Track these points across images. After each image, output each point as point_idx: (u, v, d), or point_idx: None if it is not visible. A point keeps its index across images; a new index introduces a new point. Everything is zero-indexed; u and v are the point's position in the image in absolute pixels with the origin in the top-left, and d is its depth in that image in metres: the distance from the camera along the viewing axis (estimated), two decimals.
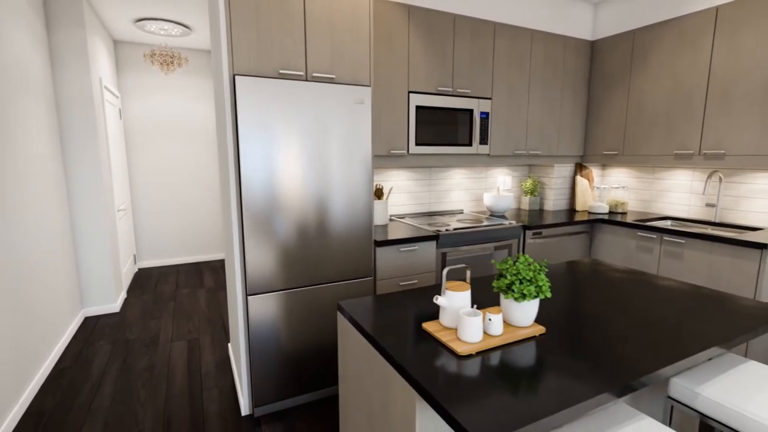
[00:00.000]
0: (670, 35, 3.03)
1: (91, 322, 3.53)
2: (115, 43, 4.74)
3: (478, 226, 2.85)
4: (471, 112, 3.02)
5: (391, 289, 2.56)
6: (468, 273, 1.37)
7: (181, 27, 4.17)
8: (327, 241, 2.30)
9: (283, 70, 2.08)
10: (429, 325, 1.32)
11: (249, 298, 2.14)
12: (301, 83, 2.10)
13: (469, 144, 3.05)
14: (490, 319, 1.23)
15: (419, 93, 2.81)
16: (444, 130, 2.93)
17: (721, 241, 2.52)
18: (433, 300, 1.30)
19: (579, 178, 3.72)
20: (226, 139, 2.12)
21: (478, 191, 3.64)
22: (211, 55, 5.04)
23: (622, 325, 1.36)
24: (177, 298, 4.15)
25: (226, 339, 3.23)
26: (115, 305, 3.77)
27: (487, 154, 3.17)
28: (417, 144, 2.84)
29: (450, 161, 3.03)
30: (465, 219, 3.16)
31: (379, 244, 2.45)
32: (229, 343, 3.09)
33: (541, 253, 3.14)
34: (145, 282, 4.67)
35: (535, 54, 3.27)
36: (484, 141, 3.10)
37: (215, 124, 2.71)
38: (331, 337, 2.40)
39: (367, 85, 2.32)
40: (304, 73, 2.14)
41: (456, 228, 2.77)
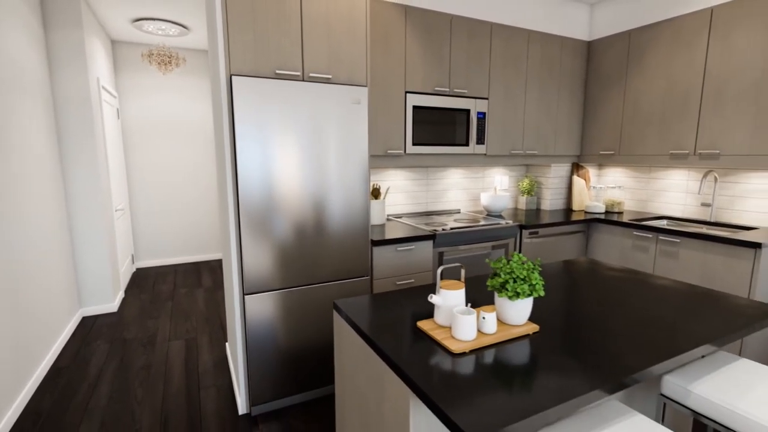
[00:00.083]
0: (665, 36, 3.05)
1: (88, 322, 3.53)
2: (113, 43, 4.74)
3: (474, 226, 2.86)
4: (468, 112, 3.03)
5: (388, 288, 2.57)
6: (462, 272, 1.38)
7: (178, 27, 4.18)
8: (324, 240, 2.31)
9: (279, 71, 2.09)
10: (424, 324, 1.33)
11: (246, 298, 2.15)
12: (298, 83, 2.11)
13: (466, 144, 3.06)
14: (484, 318, 1.25)
15: (416, 93, 2.82)
16: (441, 130, 2.94)
17: (716, 241, 2.54)
18: (428, 299, 1.31)
19: (576, 178, 3.74)
20: (223, 139, 2.12)
21: (475, 191, 3.65)
22: (208, 55, 5.04)
23: (616, 324, 1.37)
24: (175, 297, 4.16)
25: (224, 338, 3.23)
26: (112, 305, 3.77)
27: (484, 154, 3.18)
28: (414, 144, 2.85)
29: (447, 161, 3.04)
30: (462, 219, 3.17)
31: (375, 244, 2.46)
32: (226, 343, 3.10)
33: (538, 253, 3.15)
34: (143, 282, 4.67)
35: (531, 54, 3.28)
36: (481, 141, 3.12)
37: (213, 124, 2.72)
38: (328, 337, 2.41)
39: (364, 85, 2.33)
40: (300, 73, 2.15)
41: (453, 228, 2.78)
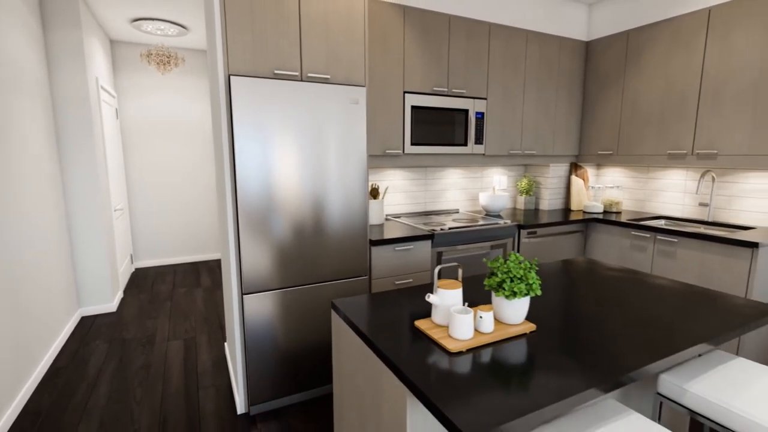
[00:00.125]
0: (663, 36, 3.05)
1: (87, 322, 3.53)
2: (112, 42, 4.74)
3: (473, 226, 2.86)
4: (466, 112, 3.03)
5: (387, 287, 2.58)
6: (460, 271, 1.38)
7: (177, 27, 4.18)
8: (322, 240, 2.32)
9: (278, 71, 2.09)
10: (421, 323, 1.33)
11: (244, 297, 2.15)
12: (297, 83, 2.11)
13: (464, 144, 3.06)
14: (481, 317, 1.25)
15: (415, 93, 2.83)
16: (439, 130, 2.95)
17: (713, 240, 2.55)
18: (425, 298, 1.32)
19: (574, 178, 3.74)
20: (221, 139, 2.13)
21: (473, 191, 3.66)
22: (207, 55, 5.05)
23: (613, 323, 1.38)
24: (174, 297, 4.16)
25: (223, 338, 3.24)
26: (111, 305, 3.77)
27: (483, 154, 3.19)
28: (413, 144, 2.86)
29: (445, 161, 3.05)
30: (460, 218, 3.17)
31: (374, 244, 2.46)
32: (225, 343, 3.10)
33: (536, 253, 3.16)
34: (141, 282, 4.67)
35: (530, 54, 3.29)
36: (479, 141, 3.12)
37: (212, 124, 2.72)
38: (327, 336, 2.41)
39: (362, 85, 2.33)
40: (299, 73, 2.16)
41: (451, 227, 2.79)
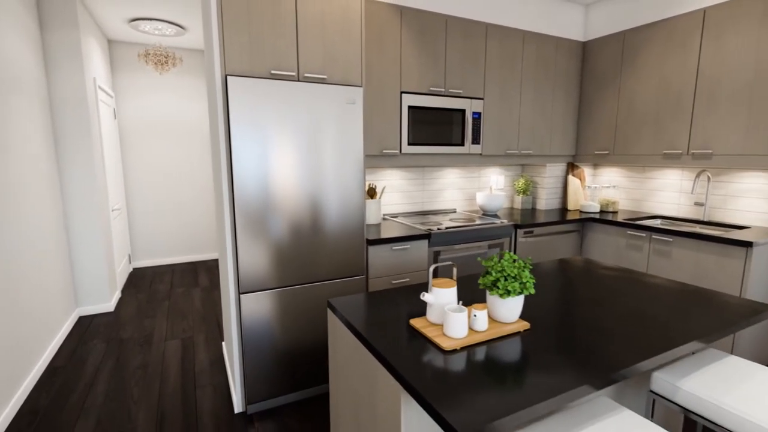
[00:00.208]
0: (659, 36, 3.07)
1: (85, 321, 3.53)
2: (110, 42, 4.74)
3: (469, 225, 2.87)
4: (463, 112, 3.05)
5: (384, 287, 2.59)
6: (454, 270, 1.39)
7: (175, 27, 4.18)
8: (319, 239, 2.32)
9: (275, 71, 2.10)
10: (416, 322, 1.34)
11: (242, 297, 2.16)
12: (293, 83, 2.12)
13: (461, 144, 3.07)
14: (475, 315, 1.26)
15: (411, 93, 2.84)
16: (436, 130, 2.96)
17: (708, 240, 2.56)
18: (420, 297, 1.33)
19: (571, 178, 3.76)
20: (218, 139, 2.13)
21: (471, 190, 3.67)
22: (204, 55, 5.06)
23: (607, 321, 1.39)
24: (172, 297, 4.16)
25: (220, 337, 3.24)
26: (109, 304, 3.78)
27: (480, 154, 3.20)
28: (410, 144, 2.87)
29: (442, 161, 3.06)
30: (457, 218, 3.18)
31: (371, 243, 2.47)
32: (223, 342, 3.11)
33: (533, 252, 3.17)
34: (139, 281, 4.67)
35: (526, 55, 3.30)
36: (476, 141, 3.13)
37: (209, 123, 2.73)
38: (324, 335, 2.42)
39: (359, 85, 2.34)
40: (296, 73, 2.16)
41: (448, 227, 2.80)
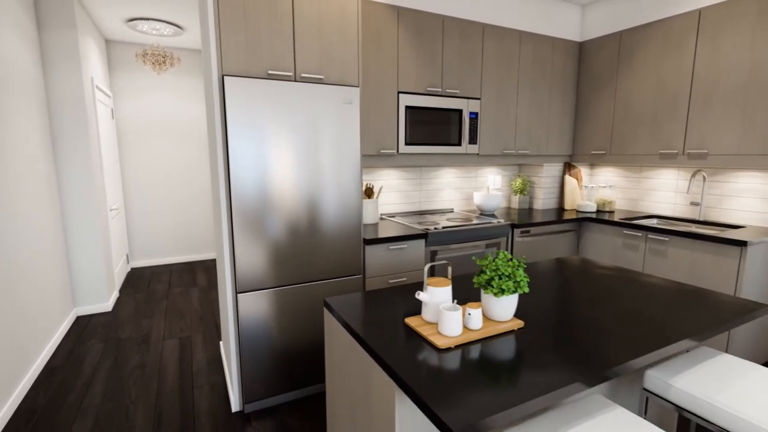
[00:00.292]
0: (655, 36, 3.08)
1: (83, 321, 3.54)
2: (107, 42, 4.74)
3: (466, 225, 2.88)
4: (460, 112, 3.06)
5: (381, 286, 2.59)
6: (449, 269, 1.40)
7: (173, 27, 4.19)
8: (316, 239, 2.33)
9: (271, 71, 2.11)
10: (411, 320, 1.35)
11: (239, 296, 2.16)
12: (290, 84, 2.13)
13: (458, 144, 3.08)
14: (470, 314, 1.27)
15: (409, 93, 2.85)
16: (433, 130, 2.97)
17: (703, 239, 2.58)
18: (415, 295, 1.34)
19: (568, 178, 3.77)
20: (215, 139, 2.14)
21: (468, 190, 3.68)
22: (201, 55, 5.06)
23: (601, 320, 1.40)
24: (169, 297, 4.17)
25: (218, 337, 3.25)
26: (107, 304, 3.78)
27: (477, 154, 3.21)
28: (407, 144, 2.88)
29: (440, 161, 3.07)
30: (455, 218, 3.19)
31: (368, 243, 2.48)
32: (220, 341, 3.11)
33: (530, 251, 3.18)
34: (137, 281, 4.67)
35: (523, 55, 3.32)
36: (473, 141, 3.14)
37: (206, 123, 2.74)
38: (321, 334, 2.43)
39: (356, 85, 2.35)
40: (292, 73, 2.17)
41: (445, 226, 2.81)
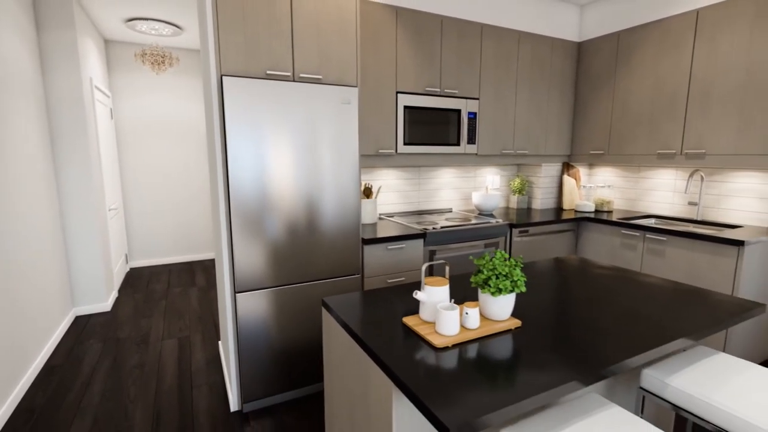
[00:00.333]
0: (653, 37, 3.09)
1: (82, 321, 3.54)
2: (106, 42, 4.74)
3: (465, 225, 2.89)
4: (459, 112, 3.06)
5: (379, 286, 2.60)
6: (447, 269, 1.41)
7: (172, 27, 4.19)
8: (315, 238, 2.34)
9: (270, 71, 2.11)
10: (409, 320, 1.36)
11: (237, 296, 2.17)
12: (289, 84, 2.13)
13: (457, 144, 3.09)
14: (467, 313, 1.28)
15: (407, 93, 2.85)
16: (432, 130, 2.97)
17: (701, 239, 2.58)
18: (413, 295, 1.35)
19: (566, 178, 3.78)
20: (214, 139, 2.15)
21: (467, 190, 3.69)
22: (200, 55, 5.06)
23: (599, 319, 1.41)
24: (168, 296, 4.17)
25: (217, 337, 3.25)
26: (106, 304, 3.78)
27: (475, 154, 3.22)
28: (405, 144, 2.88)
29: (438, 161, 3.07)
30: (453, 217, 3.20)
31: (367, 242, 2.49)
32: (219, 341, 3.12)
33: (528, 251, 3.19)
34: (136, 281, 4.67)
35: (522, 55, 3.32)
36: (471, 141, 3.15)
37: (205, 123, 2.75)
38: (319, 334, 2.43)
39: (354, 85, 2.35)
40: (291, 73, 2.18)
41: (443, 226, 2.82)
